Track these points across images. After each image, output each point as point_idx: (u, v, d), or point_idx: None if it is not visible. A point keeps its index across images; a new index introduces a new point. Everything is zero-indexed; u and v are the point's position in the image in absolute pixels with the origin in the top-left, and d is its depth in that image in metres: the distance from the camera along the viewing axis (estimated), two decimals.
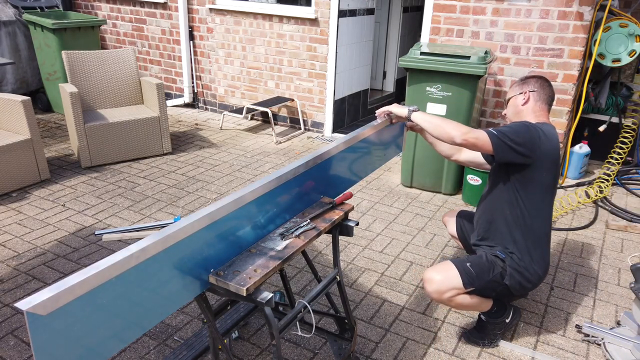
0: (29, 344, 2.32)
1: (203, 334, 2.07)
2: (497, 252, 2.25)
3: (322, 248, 3.21)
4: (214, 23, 5.69)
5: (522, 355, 2.37)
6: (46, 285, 2.75)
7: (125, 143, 4.43)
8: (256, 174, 4.33)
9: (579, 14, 3.85)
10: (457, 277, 2.17)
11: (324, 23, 5.01)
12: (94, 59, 4.50)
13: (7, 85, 5.61)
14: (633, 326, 2.36)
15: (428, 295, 2.25)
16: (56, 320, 1.12)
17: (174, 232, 1.42)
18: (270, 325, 1.64)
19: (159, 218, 3.53)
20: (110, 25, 6.46)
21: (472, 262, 2.22)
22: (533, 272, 2.23)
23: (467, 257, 2.31)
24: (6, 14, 5.51)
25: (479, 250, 2.35)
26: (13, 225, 3.37)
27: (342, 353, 2.16)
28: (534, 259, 2.22)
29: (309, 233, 1.80)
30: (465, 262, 2.22)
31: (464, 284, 2.17)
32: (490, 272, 2.20)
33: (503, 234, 2.26)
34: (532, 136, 2.08)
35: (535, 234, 2.22)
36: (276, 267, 1.61)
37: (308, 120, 5.51)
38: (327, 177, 2.06)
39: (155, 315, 1.40)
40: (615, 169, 4.27)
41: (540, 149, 2.10)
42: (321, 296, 1.97)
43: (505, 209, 2.23)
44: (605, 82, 4.38)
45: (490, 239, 2.32)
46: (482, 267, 2.20)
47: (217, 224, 1.52)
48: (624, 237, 3.49)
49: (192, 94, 6.19)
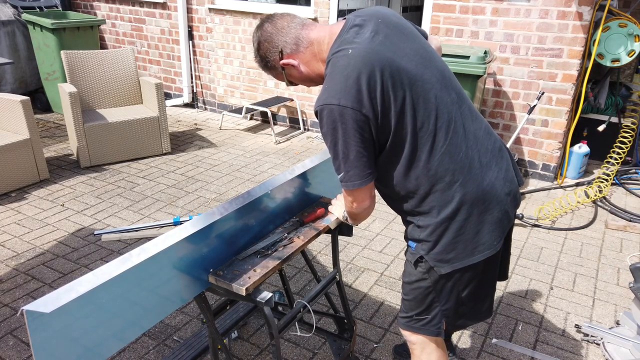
0: (28, 344, 2.32)
1: (202, 334, 2.07)
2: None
3: (322, 248, 3.21)
4: (213, 23, 5.69)
5: (521, 355, 2.37)
6: (46, 285, 2.74)
7: (125, 143, 4.43)
8: (255, 174, 4.33)
9: (579, 13, 3.85)
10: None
11: (324, 23, 5.01)
12: (93, 59, 4.50)
13: (6, 85, 5.61)
14: (632, 326, 2.36)
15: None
16: (55, 320, 1.12)
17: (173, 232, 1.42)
18: (270, 325, 1.63)
19: (158, 218, 3.53)
20: (109, 25, 6.46)
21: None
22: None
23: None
24: (5, 13, 5.50)
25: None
26: (12, 225, 3.37)
27: (341, 353, 2.16)
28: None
29: (308, 233, 1.80)
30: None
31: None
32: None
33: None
34: (351, 115, 1.37)
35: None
36: (275, 267, 1.61)
37: (307, 120, 5.51)
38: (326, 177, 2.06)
39: (155, 315, 1.40)
40: (614, 168, 4.27)
41: (371, 99, 1.38)
42: (320, 296, 1.97)
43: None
44: (605, 82, 4.39)
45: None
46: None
47: (216, 224, 1.52)
48: (623, 237, 3.49)
49: (192, 93, 6.19)
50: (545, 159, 4.37)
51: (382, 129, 1.42)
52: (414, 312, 1.67)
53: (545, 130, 4.28)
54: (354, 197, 1.53)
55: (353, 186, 1.46)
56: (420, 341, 1.70)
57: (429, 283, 1.60)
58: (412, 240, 1.59)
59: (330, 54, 1.47)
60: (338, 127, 1.38)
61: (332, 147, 1.43)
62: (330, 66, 1.45)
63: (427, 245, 1.54)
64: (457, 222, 1.49)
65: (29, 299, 2.64)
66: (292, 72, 1.59)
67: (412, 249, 1.60)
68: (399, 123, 1.42)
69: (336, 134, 1.39)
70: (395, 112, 1.41)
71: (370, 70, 1.38)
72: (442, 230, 1.51)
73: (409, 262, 1.64)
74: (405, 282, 1.67)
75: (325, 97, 1.40)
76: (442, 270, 1.55)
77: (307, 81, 1.63)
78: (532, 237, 3.44)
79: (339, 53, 1.44)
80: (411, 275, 1.63)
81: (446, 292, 1.60)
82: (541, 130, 4.30)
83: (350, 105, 1.36)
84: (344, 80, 1.38)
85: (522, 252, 3.25)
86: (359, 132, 1.38)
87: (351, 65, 1.39)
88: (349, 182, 1.46)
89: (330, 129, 1.40)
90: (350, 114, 1.36)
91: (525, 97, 4.26)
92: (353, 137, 1.38)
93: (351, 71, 1.38)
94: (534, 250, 3.28)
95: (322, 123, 1.42)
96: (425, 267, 1.57)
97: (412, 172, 1.47)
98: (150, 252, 1.32)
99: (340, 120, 1.37)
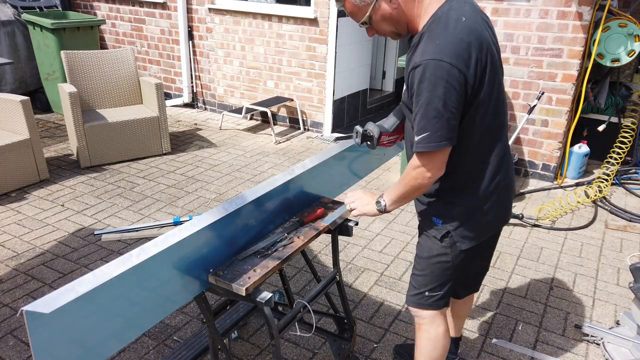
0: (28, 344, 2.32)
1: (202, 334, 2.07)
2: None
3: (322, 248, 3.21)
4: (213, 23, 5.69)
5: (521, 355, 2.37)
6: (45, 285, 2.74)
7: (125, 143, 4.43)
8: (255, 174, 4.33)
9: (578, 13, 3.85)
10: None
11: (324, 23, 5.01)
12: (93, 59, 4.50)
13: (6, 85, 5.61)
14: (632, 326, 2.36)
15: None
16: (55, 320, 1.12)
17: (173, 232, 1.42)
18: (270, 325, 1.63)
19: (158, 218, 3.53)
20: (109, 25, 6.46)
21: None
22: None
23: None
24: (5, 13, 5.50)
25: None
26: (12, 225, 3.37)
27: (341, 353, 2.16)
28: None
29: (307, 233, 1.80)
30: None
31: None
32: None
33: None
34: (457, 80, 1.40)
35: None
36: (275, 267, 1.61)
37: (307, 120, 5.51)
38: (326, 177, 2.06)
39: (155, 315, 1.40)
40: (614, 168, 4.27)
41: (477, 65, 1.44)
42: (320, 296, 1.97)
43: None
44: (605, 82, 4.38)
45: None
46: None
47: (216, 224, 1.52)
48: (623, 237, 3.49)
49: (192, 93, 6.19)
50: (545, 159, 4.37)
51: (470, 102, 1.47)
52: (427, 287, 1.76)
53: (545, 130, 4.28)
54: (430, 163, 1.49)
55: (438, 147, 1.44)
56: (429, 315, 1.80)
57: (449, 258, 1.71)
58: (439, 217, 1.68)
59: (440, 12, 1.46)
60: (441, 84, 1.38)
61: (425, 104, 1.41)
62: (439, 24, 1.44)
63: (456, 222, 1.65)
64: (488, 206, 1.64)
65: (29, 299, 2.64)
66: (383, 5, 1.49)
67: (439, 224, 1.68)
68: (482, 104, 1.49)
69: (436, 90, 1.39)
70: (484, 92, 1.48)
71: (480, 44, 1.44)
72: (475, 211, 1.64)
73: (430, 237, 1.72)
74: (423, 257, 1.75)
75: (436, 52, 1.39)
76: (464, 246, 1.67)
77: (391, 23, 1.53)
78: (532, 237, 3.44)
79: (452, 16, 1.44)
80: (432, 250, 1.72)
81: (462, 266, 1.74)
82: (541, 130, 4.30)
83: (459, 67, 1.39)
84: (457, 43, 1.40)
85: (522, 252, 3.25)
86: (458, 95, 1.41)
87: (465, 32, 1.42)
88: (433, 143, 1.44)
89: (431, 84, 1.39)
90: (457, 76, 1.39)
91: (525, 97, 4.26)
92: (451, 98, 1.40)
93: (465, 37, 1.41)
94: (534, 250, 3.28)
95: (423, 77, 1.40)
96: (449, 242, 1.68)
97: (475, 151, 1.57)
98: (150, 252, 1.32)
99: (445, 78, 1.38)
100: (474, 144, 1.56)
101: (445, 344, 1.83)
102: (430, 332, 1.81)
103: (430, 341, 1.82)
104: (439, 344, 1.82)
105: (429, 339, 1.82)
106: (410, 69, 1.44)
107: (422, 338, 1.83)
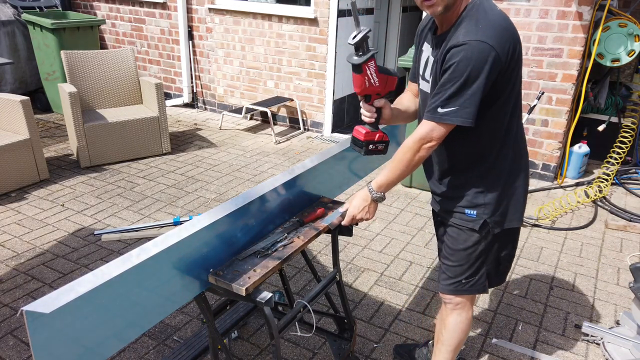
0: (28, 344, 2.32)
1: (202, 334, 2.07)
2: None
3: (322, 248, 3.21)
4: (213, 23, 5.69)
5: (521, 355, 2.37)
6: (46, 285, 2.74)
7: (125, 143, 4.43)
8: (255, 174, 4.33)
9: (578, 13, 3.85)
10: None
11: (324, 23, 5.01)
12: (93, 59, 4.50)
13: (6, 85, 5.61)
14: (632, 326, 2.36)
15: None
16: (55, 320, 1.12)
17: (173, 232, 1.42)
18: (270, 325, 1.63)
19: (158, 218, 3.53)
20: (109, 25, 6.46)
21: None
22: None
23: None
24: (5, 13, 5.50)
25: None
26: (12, 225, 3.37)
27: (341, 353, 2.16)
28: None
29: (307, 233, 1.80)
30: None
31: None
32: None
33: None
34: (494, 63, 1.46)
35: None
36: (275, 267, 1.61)
37: (307, 120, 5.51)
38: (326, 177, 2.06)
39: (155, 315, 1.40)
40: (614, 168, 4.27)
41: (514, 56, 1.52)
42: (320, 296, 1.97)
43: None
44: (605, 82, 4.38)
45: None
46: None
47: (216, 224, 1.52)
48: (623, 236, 3.49)
49: (192, 93, 6.19)
50: (545, 158, 4.37)
51: (501, 87, 1.54)
52: (463, 276, 1.83)
53: (545, 130, 4.28)
54: (440, 134, 1.57)
55: (463, 122, 1.51)
56: (463, 301, 1.89)
57: (483, 246, 1.77)
58: (472, 208, 1.72)
59: (479, 0, 1.53)
60: (480, 66, 1.45)
61: (462, 81, 1.47)
62: (482, 10, 1.51)
63: (490, 209, 1.70)
64: (517, 188, 1.72)
65: (29, 299, 2.64)
66: None
67: (473, 216, 1.73)
68: (512, 89, 1.58)
69: (475, 70, 1.45)
70: (513, 79, 1.57)
71: (516, 36, 1.53)
72: (505, 194, 1.70)
73: (464, 230, 1.76)
74: (458, 249, 1.80)
75: (482, 34, 1.45)
76: (496, 230, 1.73)
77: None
78: (532, 237, 3.44)
79: (491, 6, 1.53)
80: (467, 242, 1.77)
81: (494, 252, 1.80)
82: (541, 130, 4.30)
83: (501, 53, 1.46)
84: (503, 30, 1.48)
85: (522, 252, 3.25)
86: (491, 79, 1.48)
87: (508, 22, 1.52)
88: (459, 118, 1.51)
89: (472, 64, 1.45)
90: (496, 61, 1.46)
91: (525, 97, 4.25)
92: (486, 81, 1.47)
93: (509, 27, 1.51)
94: (534, 250, 3.28)
95: (465, 55, 1.45)
96: (487, 230, 1.73)
97: (505, 136, 1.65)
98: (150, 252, 1.32)
99: (486, 61, 1.45)
100: (502, 129, 1.64)
101: (469, 328, 1.95)
102: (462, 315, 1.90)
103: (462, 324, 1.91)
104: (466, 328, 1.92)
105: (462, 322, 1.91)
106: (450, 47, 1.49)
107: (455, 321, 1.91)
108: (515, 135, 1.69)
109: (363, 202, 1.78)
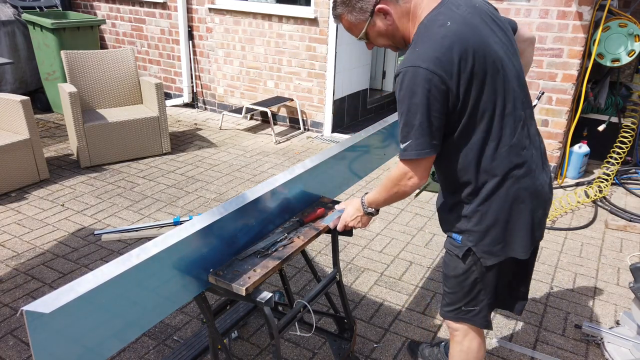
0: (28, 344, 2.32)
1: (202, 334, 2.07)
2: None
3: (322, 248, 3.21)
4: (213, 23, 5.69)
5: (521, 355, 2.36)
6: (46, 285, 2.74)
7: (125, 143, 4.43)
8: (255, 174, 4.33)
9: (579, 13, 3.85)
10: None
11: (324, 23, 5.01)
12: (93, 59, 4.50)
13: (6, 85, 5.61)
14: (632, 326, 2.36)
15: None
16: (55, 320, 1.12)
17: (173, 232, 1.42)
18: (270, 325, 1.63)
19: (158, 218, 3.53)
20: (109, 25, 6.46)
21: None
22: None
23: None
24: (5, 13, 5.50)
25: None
26: (12, 225, 3.37)
27: (341, 353, 2.16)
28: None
29: (308, 233, 1.80)
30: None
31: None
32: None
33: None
34: (435, 84, 1.37)
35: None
36: (275, 267, 1.61)
37: (307, 120, 5.51)
38: (327, 177, 2.06)
39: (155, 315, 1.40)
40: (614, 168, 4.27)
41: (461, 72, 1.39)
42: (320, 296, 1.97)
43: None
44: (605, 82, 4.38)
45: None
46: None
47: (216, 224, 1.52)
48: (623, 236, 3.49)
49: (192, 93, 6.19)
50: None
51: (460, 107, 1.41)
52: (461, 303, 1.70)
53: (545, 130, 4.28)
54: (414, 170, 1.48)
55: (418, 155, 1.43)
56: (463, 328, 1.75)
57: (476, 275, 1.63)
58: (458, 233, 1.60)
59: (426, 20, 1.44)
60: (419, 92, 1.36)
61: (405, 113, 1.40)
62: (423, 31, 1.43)
63: (475, 236, 1.56)
64: (508, 216, 1.52)
65: (29, 299, 2.64)
66: (378, 23, 1.51)
67: (458, 241, 1.61)
68: (477, 106, 1.42)
69: (414, 98, 1.37)
70: (476, 94, 1.41)
71: (466, 47, 1.38)
72: (495, 222, 1.52)
73: (453, 256, 1.64)
74: (450, 275, 1.68)
75: (415, 59, 1.37)
76: (489, 262, 1.58)
77: (387, 37, 1.55)
78: None
79: (437, 21, 1.42)
80: (457, 269, 1.65)
81: (491, 283, 1.64)
82: (541, 130, 4.28)
83: (438, 73, 1.35)
84: (438, 49, 1.37)
85: None
86: (438, 101, 1.37)
87: (448, 37, 1.38)
88: (414, 151, 1.42)
89: (409, 92, 1.38)
90: (436, 82, 1.35)
91: None
92: (431, 105, 1.37)
93: (447, 42, 1.37)
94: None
95: (402, 85, 1.39)
96: (473, 259, 1.60)
97: (478, 158, 1.48)
98: (150, 252, 1.32)
99: (422, 85, 1.36)
100: (476, 149, 1.47)
101: (480, 357, 1.78)
102: (463, 344, 1.76)
103: (462, 353, 1.78)
104: (471, 357, 1.77)
105: (461, 351, 1.78)
106: (394, 77, 1.44)
107: (454, 350, 1.80)
108: (502, 155, 1.47)
109: (356, 212, 1.78)
